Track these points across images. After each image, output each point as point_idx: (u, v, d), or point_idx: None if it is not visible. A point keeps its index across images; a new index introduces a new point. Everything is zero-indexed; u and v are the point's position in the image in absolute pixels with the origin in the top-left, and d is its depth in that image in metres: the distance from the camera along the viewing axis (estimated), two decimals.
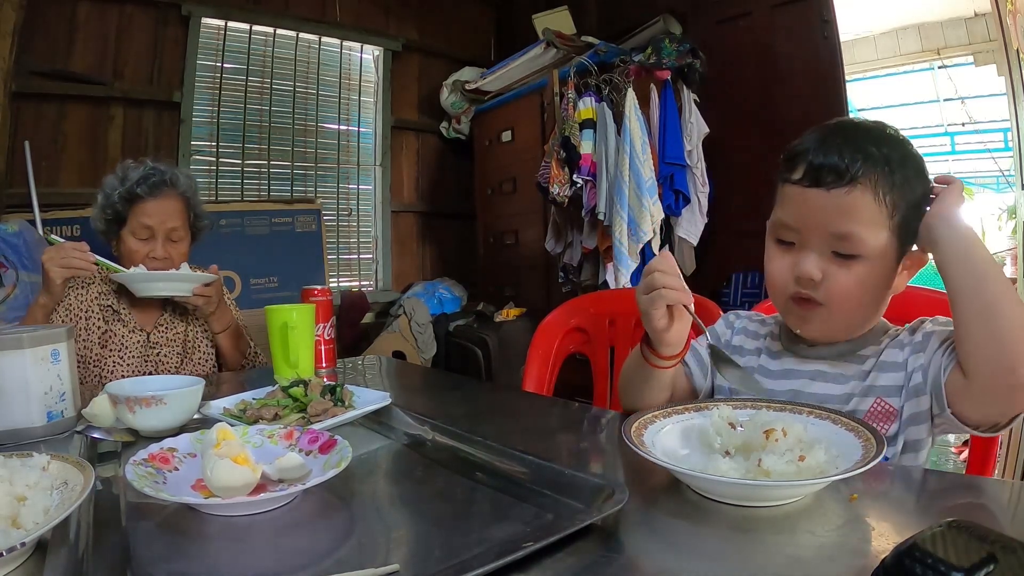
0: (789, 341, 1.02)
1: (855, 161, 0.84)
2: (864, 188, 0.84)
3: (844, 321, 0.93)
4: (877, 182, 0.84)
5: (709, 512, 0.67)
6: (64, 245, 1.51)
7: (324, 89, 4.00)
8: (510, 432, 0.82)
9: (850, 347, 0.96)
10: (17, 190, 2.80)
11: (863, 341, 0.95)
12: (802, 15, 2.91)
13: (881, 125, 0.91)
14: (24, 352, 1.01)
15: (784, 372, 1.00)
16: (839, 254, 0.87)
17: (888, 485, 0.74)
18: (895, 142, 0.88)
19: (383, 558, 0.58)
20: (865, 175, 0.84)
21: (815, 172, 0.87)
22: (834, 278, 0.88)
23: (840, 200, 0.85)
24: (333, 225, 4.04)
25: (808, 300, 0.91)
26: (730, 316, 1.16)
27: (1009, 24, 2.77)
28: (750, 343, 1.09)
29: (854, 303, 0.90)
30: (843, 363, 0.95)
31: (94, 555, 0.60)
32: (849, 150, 0.85)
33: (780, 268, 0.93)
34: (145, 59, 3.30)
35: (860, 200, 0.84)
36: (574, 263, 3.26)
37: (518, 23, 4.04)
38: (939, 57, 4.94)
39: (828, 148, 0.87)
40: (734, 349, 1.09)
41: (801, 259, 0.90)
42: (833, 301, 0.89)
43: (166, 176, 1.68)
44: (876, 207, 0.85)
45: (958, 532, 0.44)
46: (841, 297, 0.89)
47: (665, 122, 2.90)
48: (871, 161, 0.85)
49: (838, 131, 0.90)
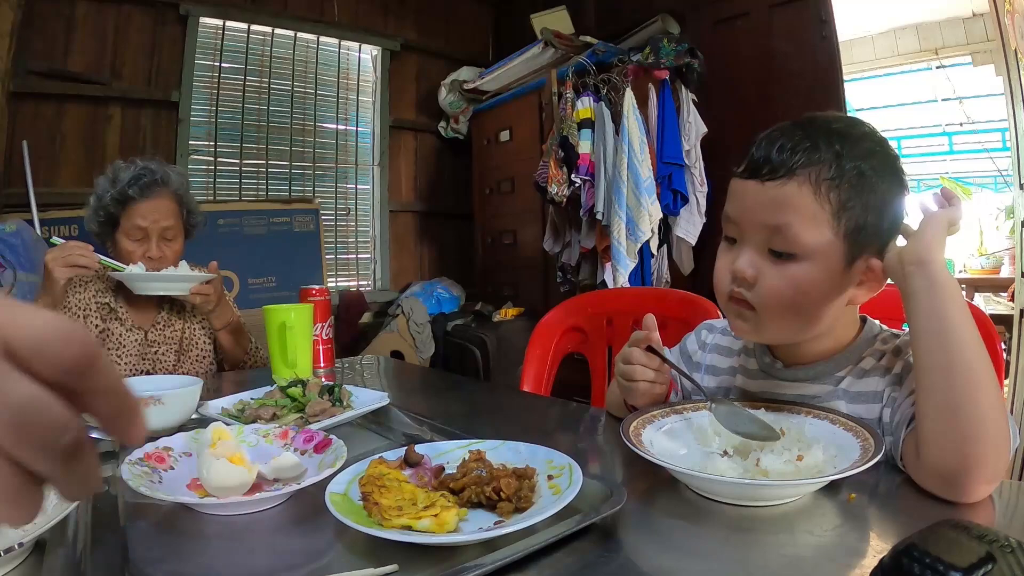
0: (763, 358, 0.95)
1: (794, 153, 0.78)
2: (802, 182, 0.78)
3: (776, 327, 0.84)
4: (819, 176, 0.77)
5: (707, 512, 0.67)
6: (67, 244, 1.51)
7: (322, 89, 4.00)
8: (508, 432, 0.82)
9: (826, 368, 0.88)
10: (15, 190, 2.80)
11: (842, 360, 0.87)
12: (800, 15, 2.92)
13: (851, 121, 0.84)
14: None
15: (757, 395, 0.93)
16: (775, 252, 0.80)
17: (886, 485, 0.74)
18: (857, 138, 0.80)
19: (381, 558, 0.58)
20: (805, 168, 0.78)
21: (753, 164, 0.82)
22: (766, 278, 0.81)
23: (774, 192, 0.79)
24: (331, 225, 4.04)
25: (742, 301, 0.84)
26: (702, 331, 1.09)
27: (1007, 24, 2.77)
28: (724, 361, 1.03)
29: (785, 307, 0.81)
30: (819, 385, 0.88)
31: (92, 555, 0.60)
32: (792, 142, 0.79)
33: (721, 265, 0.87)
34: (143, 59, 3.30)
35: (795, 193, 0.78)
36: (572, 263, 3.26)
37: (516, 23, 4.04)
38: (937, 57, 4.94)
39: (772, 141, 0.81)
40: (707, 369, 1.04)
41: (739, 255, 0.83)
42: (763, 304, 0.82)
43: (157, 176, 1.68)
44: (815, 203, 0.77)
45: (956, 532, 0.44)
46: (772, 300, 0.81)
47: (663, 122, 2.91)
48: (815, 154, 0.78)
49: (795, 125, 0.82)
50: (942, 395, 0.69)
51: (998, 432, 0.67)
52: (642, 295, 1.99)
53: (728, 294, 0.86)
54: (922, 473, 0.70)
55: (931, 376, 0.71)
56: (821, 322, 0.84)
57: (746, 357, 0.99)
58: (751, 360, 0.98)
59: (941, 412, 0.68)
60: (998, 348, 1.11)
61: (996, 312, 3.41)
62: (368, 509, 0.63)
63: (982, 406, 0.67)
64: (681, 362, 1.08)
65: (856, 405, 0.84)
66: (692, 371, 1.05)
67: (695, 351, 1.07)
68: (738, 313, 0.86)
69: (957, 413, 0.67)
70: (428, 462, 0.77)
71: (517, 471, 0.70)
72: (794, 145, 0.79)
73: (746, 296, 0.83)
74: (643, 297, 1.85)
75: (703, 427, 0.82)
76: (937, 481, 0.68)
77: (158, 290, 1.61)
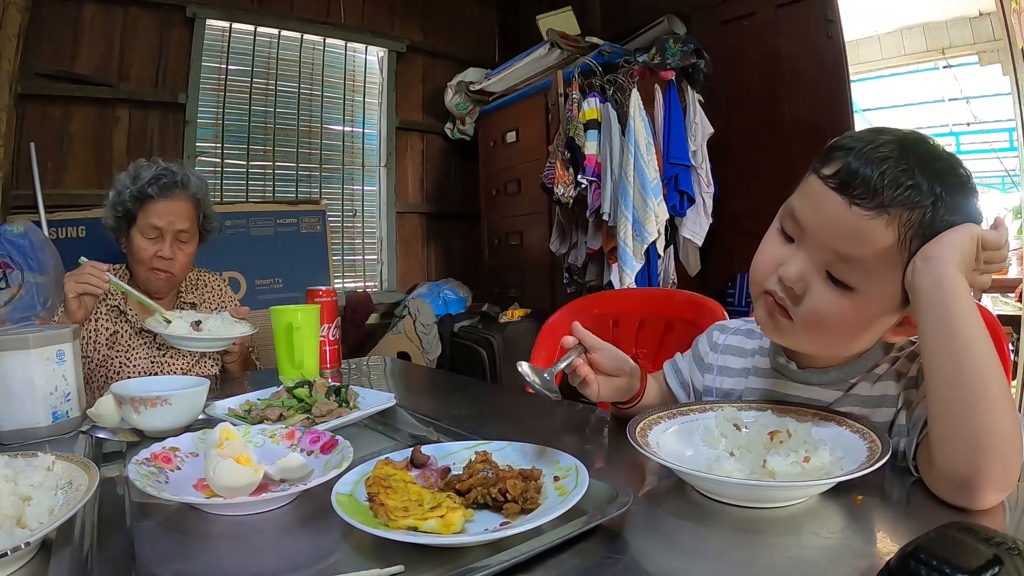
0: (778, 358, 0.93)
1: (896, 186, 0.70)
2: (890, 221, 0.70)
3: (807, 342, 0.82)
4: (910, 221, 0.70)
5: (714, 513, 0.67)
6: (85, 265, 1.50)
7: (329, 90, 4.00)
8: (514, 433, 0.82)
9: (840, 374, 0.86)
10: (23, 191, 2.81)
11: (858, 367, 0.85)
12: (806, 15, 2.91)
13: (954, 162, 0.74)
14: (30, 352, 1.01)
15: (769, 395, 0.93)
16: (833, 277, 0.75)
17: (893, 487, 0.73)
18: (957, 187, 0.72)
19: (387, 558, 0.58)
20: (899, 208, 0.70)
21: (846, 176, 0.73)
22: (815, 298, 0.76)
23: (858, 222, 0.71)
24: (338, 226, 4.04)
25: (780, 305, 0.79)
26: (714, 332, 1.07)
27: (1014, 23, 2.76)
28: (737, 362, 1.01)
29: (826, 334, 0.78)
30: (831, 391, 0.86)
31: (98, 555, 0.60)
32: (895, 170, 0.71)
33: (768, 257, 0.82)
34: (150, 61, 3.31)
35: (881, 233, 0.71)
36: (579, 264, 3.26)
37: (522, 24, 4.05)
38: (944, 57, 4.93)
39: (873, 157, 0.72)
40: (719, 370, 1.02)
41: (792, 259, 0.77)
42: (803, 321, 0.77)
43: (178, 177, 1.69)
44: (895, 248, 0.71)
45: (963, 534, 0.44)
46: (814, 320, 0.77)
47: (669, 122, 2.90)
48: (915, 196, 0.70)
49: (896, 142, 0.73)
50: (950, 402, 0.67)
51: (1009, 442, 0.64)
52: (648, 296, 1.98)
53: (765, 288, 0.81)
54: (934, 478, 0.68)
55: (938, 381, 0.68)
56: (854, 349, 0.83)
57: (760, 357, 0.98)
58: (764, 360, 0.97)
59: (949, 419, 0.66)
60: (1006, 349, 1.11)
61: (1004, 313, 3.39)
62: (374, 510, 0.64)
63: (991, 415, 0.64)
64: (693, 365, 1.08)
65: (869, 410, 0.83)
66: (703, 373, 1.05)
67: (706, 352, 1.06)
68: (770, 313, 0.82)
69: (965, 421, 0.65)
70: (434, 463, 0.77)
71: (523, 472, 0.70)
72: (896, 177, 0.71)
73: (786, 305, 0.79)
74: (649, 298, 1.84)
75: (709, 428, 0.82)
76: (949, 488, 0.66)
77: (203, 348, 1.57)
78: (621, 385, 0.97)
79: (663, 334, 1.63)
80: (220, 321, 1.58)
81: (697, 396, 1.05)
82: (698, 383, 1.06)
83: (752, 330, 1.02)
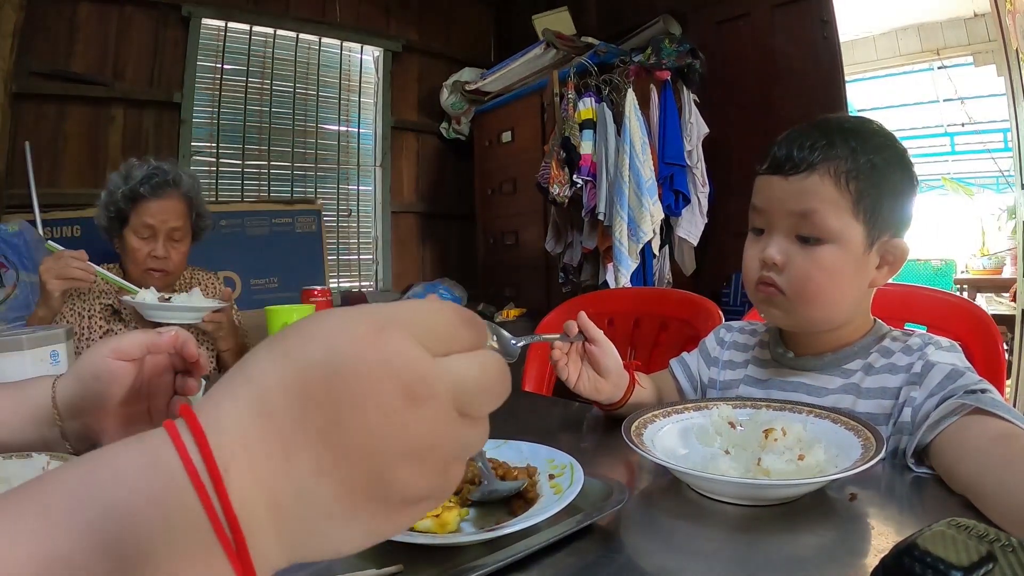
0: (776, 349, 1.01)
1: (814, 150, 0.86)
2: (823, 174, 0.85)
3: (805, 309, 0.90)
4: (838, 169, 0.85)
5: (709, 511, 0.67)
6: (63, 254, 1.49)
7: (324, 90, 4.00)
8: (509, 432, 0.82)
9: (836, 358, 0.93)
10: (17, 190, 2.80)
11: (850, 353, 0.93)
12: (802, 16, 2.92)
13: (862, 120, 0.92)
14: (24, 353, 1.01)
15: (766, 382, 0.99)
16: (802, 238, 0.88)
17: (888, 484, 0.74)
18: (868, 134, 0.88)
19: (385, 559, 0.58)
20: (824, 163, 0.85)
21: (776, 161, 0.90)
22: (795, 263, 0.88)
23: (798, 184, 0.87)
24: (333, 226, 4.03)
25: (771, 285, 0.90)
26: (721, 331, 1.15)
27: (1009, 24, 2.77)
28: (740, 356, 1.08)
29: (815, 290, 0.88)
30: (827, 375, 0.93)
31: None
32: (811, 140, 0.87)
33: (750, 255, 0.94)
34: (145, 60, 3.30)
35: (818, 184, 0.85)
36: (574, 263, 3.26)
37: (518, 24, 4.04)
38: (939, 57, 4.95)
39: (792, 140, 0.89)
40: (725, 364, 1.09)
41: (768, 243, 0.90)
42: (793, 287, 0.88)
43: (169, 176, 1.69)
44: (837, 192, 0.85)
45: (958, 531, 0.44)
46: (801, 282, 0.88)
47: (665, 122, 2.91)
48: (832, 150, 0.86)
49: (813, 125, 0.91)
50: None
51: None
52: (644, 296, 1.98)
53: (757, 281, 0.93)
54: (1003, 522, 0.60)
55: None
56: (847, 304, 0.90)
57: (760, 349, 1.05)
58: (764, 351, 1.04)
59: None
60: (1000, 349, 1.12)
61: (998, 312, 3.41)
62: None
63: None
64: (700, 360, 1.14)
65: (866, 400, 0.87)
66: (709, 367, 1.11)
67: (714, 347, 1.13)
68: (768, 299, 0.92)
69: None
70: None
71: (519, 470, 0.70)
72: (812, 143, 0.86)
73: (776, 280, 0.90)
74: (644, 297, 1.85)
75: (704, 427, 0.82)
76: None
77: (170, 319, 1.56)
78: (603, 388, 1.01)
79: (658, 333, 1.64)
80: (189, 299, 1.58)
81: (703, 389, 1.11)
82: (704, 376, 1.12)
83: (755, 330, 1.11)
